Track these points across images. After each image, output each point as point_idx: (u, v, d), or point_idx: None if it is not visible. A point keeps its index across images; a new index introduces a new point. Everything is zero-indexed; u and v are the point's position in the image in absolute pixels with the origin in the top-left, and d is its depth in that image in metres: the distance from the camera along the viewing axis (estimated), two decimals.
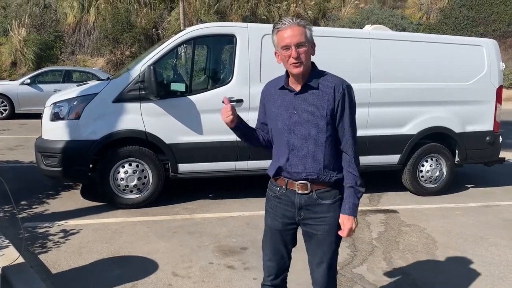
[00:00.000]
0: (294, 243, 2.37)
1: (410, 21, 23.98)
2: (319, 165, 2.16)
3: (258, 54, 5.24)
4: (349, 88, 2.18)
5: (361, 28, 6.63)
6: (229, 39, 5.31)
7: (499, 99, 6.13)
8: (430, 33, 13.77)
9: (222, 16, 20.73)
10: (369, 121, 5.60)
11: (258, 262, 3.38)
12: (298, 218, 2.25)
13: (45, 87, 12.62)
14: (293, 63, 2.10)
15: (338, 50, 5.45)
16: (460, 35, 15.82)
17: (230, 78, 5.22)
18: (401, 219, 5.04)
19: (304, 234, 2.31)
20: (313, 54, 2.17)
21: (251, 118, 5.19)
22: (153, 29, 20.29)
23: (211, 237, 4.36)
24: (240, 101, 5.17)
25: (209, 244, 4.19)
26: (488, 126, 6.14)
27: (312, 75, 2.17)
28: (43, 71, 13.54)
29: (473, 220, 5.09)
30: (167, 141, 5.05)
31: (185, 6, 18.83)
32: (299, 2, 23.30)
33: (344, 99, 2.14)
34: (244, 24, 5.38)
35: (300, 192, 2.21)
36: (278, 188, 2.30)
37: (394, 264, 3.86)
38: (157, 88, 4.83)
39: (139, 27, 19.56)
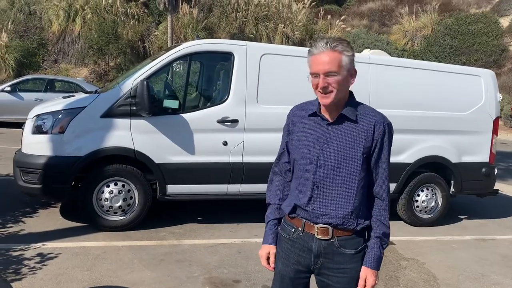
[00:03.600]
0: None
1: (395, 46, 24.37)
2: (347, 210, 1.88)
3: (256, 74, 5.04)
4: (390, 126, 1.94)
5: None
6: (227, 57, 5.10)
7: (495, 130, 6.06)
8: (415, 59, 13.91)
9: (210, 32, 20.65)
10: None
11: None
12: (314, 267, 1.96)
13: (26, 95, 12.14)
14: (320, 93, 1.86)
15: None
16: (444, 63, 16.06)
17: (226, 97, 5.00)
18: (398, 252, 4.84)
19: (318, 284, 2.03)
20: (351, 83, 1.90)
21: (246, 139, 4.98)
22: (139, 42, 20.03)
23: (200, 267, 4.06)
24: (235, 121, 4.95)
25: (199, 275, 3.89)
26: (484, 157, 6.05)
27: (348, 105, 1.91)
28: (25, 79, 13.05)
29: (472, 255, 4.93)
30: (157, 160, 4.76)
31: (173, 20, 18.68)
32: (287, 23, 23.44)
33: (383, 138, 1.89)
34: (243, 42, 5.19)
35: (319, 237, 1.92)
36: (293, 230, 2.00)
37: None
38: (149, 104, 4.56)
39: (125, 39, 19.27)
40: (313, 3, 25.74)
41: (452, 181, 6.03)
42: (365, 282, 1.91)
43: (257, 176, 4.99)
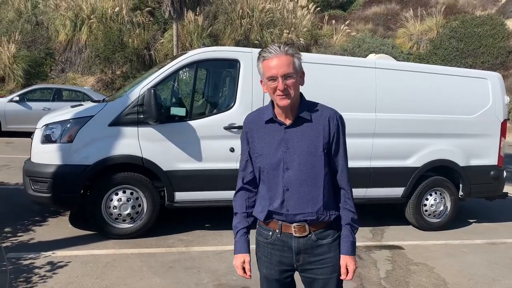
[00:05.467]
0: None
1: (400, 50, 24.33)
2: (318, 205, 1.98)
3: None
4: (341, 118, 2.04)
5: (352, 55, 6.51)
6: (232, 64, 5.13)
7: (503, 133, 6.03)
8: (420, 63, 13.87)
9: (215, 39, 20.75)
10: (374, 152, 5.42)
11: None
12: (296, 264, 2.05)
13: (34, 105, 12.27)
14: (279, 95, 1.91)
15: (343, 78, 5.32)
16: (450, 66, 16.01)
17: (232, 104, 5.02)
18: (408, 257, 4.81)
19: (304, 282, 2.11)
20: (302, 84, 1.99)
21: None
22: (145, 50, 20.17)
23: (209, 273, 4.06)
24: (242, 127, 4.95)
25: (208, 281, 3.89)
26: (493, 160, 6.02)
27: (302, 106, 1.99)
28: (33, 89, 13.20)
29: (481, 259, 4.89)
30: (165, 168, 4.79)
31: (179, 28, 18.81)
32: (292, 29, 23.49)
33: (338, 130, 2.00)
34: (248, 49, 5.22)
35: (297, 235, 2.00)
36: (270, 233, 2.06)
37: None
38: (157, 112, 4.60)
39: (131, 47, 19.41)
40: (318, 8, 25.80)
41: (460, 185, 6.00)
42: (347, 269, 2.01)
43: None
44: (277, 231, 2.03)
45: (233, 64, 5.13)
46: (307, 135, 1.96)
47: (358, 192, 5.37)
